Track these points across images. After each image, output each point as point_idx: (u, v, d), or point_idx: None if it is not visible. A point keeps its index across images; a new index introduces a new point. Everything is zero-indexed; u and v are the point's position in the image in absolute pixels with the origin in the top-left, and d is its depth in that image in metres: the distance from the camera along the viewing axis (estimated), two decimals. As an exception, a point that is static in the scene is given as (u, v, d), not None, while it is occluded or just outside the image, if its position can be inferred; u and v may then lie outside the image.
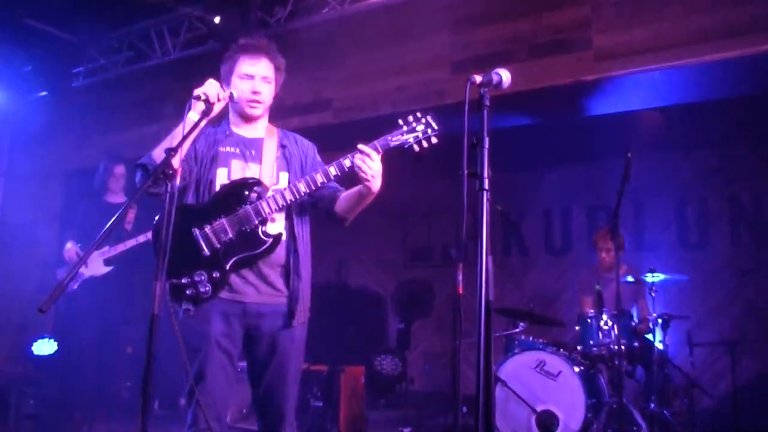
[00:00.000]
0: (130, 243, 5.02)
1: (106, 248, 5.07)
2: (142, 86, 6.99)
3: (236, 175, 2.72)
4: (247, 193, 2.65)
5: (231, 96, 2.63)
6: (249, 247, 2.62)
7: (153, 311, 2.16)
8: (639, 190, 6.68)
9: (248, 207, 2.63)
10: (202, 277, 2.58)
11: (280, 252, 2.71)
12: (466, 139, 2.26)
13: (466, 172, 2.25)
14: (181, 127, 2.48)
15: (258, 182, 2.68)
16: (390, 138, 2.65)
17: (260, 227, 2.63)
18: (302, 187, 2.63)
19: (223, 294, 2.64)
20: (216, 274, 2.59)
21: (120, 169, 5.47)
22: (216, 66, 2.89)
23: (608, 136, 6.12)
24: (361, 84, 5.75)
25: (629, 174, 4.28)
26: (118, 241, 5.05)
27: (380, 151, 2.62)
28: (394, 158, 2.69)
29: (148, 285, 2.20)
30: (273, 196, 2.64)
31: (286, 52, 2.94)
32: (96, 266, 5.09)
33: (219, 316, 2.62)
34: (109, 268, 5.11)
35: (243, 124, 2.82)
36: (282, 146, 2.84)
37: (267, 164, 2.75)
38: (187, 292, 2.57)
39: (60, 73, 6.88)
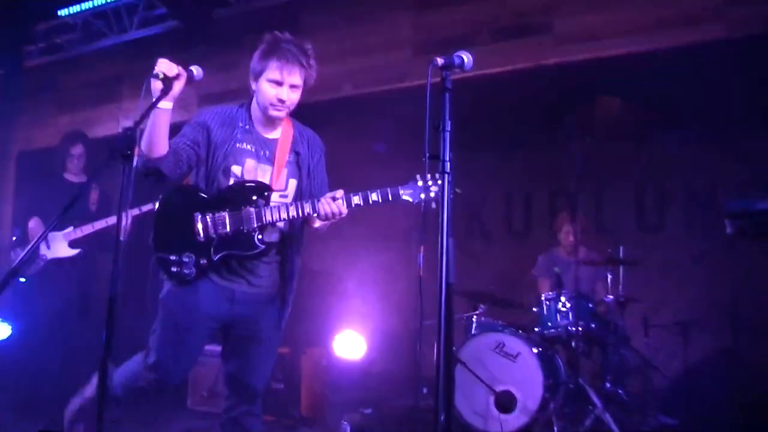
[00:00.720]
0: (99, 225, 4.83)
1: (70, 229, 4.86)
2: (98, 65, 6.83)
3: (249, 174, 2.73)
4: (255, 197, 2.68)
5: (191, 73, 2.58)
6: (241, 247, 2.66)
7: (110, 295, 2.13)
8: (599, 175, 6.78)
9: (252, 210, 2.65)
10: (190, 259, 2.63)
11: (273, 253, 2.77)
12: (428, 122, 2.26)
13: (427, 154, 2.26)
14: (158, 115, 2.51)
15: (268, 188, 2.70)
16: (401, 191, 2.65)
17: (257, 232, 2.66)
18: (307, 208, 2.65)
19: (214, 278, 2.69)
20: (203, 261, 2.64)
21: (77, 149, 5.24)
22: (176, 46, 2.84)
23: (569, 120, 6.18)
24: (323, 65, 5.69)
25: (589, 159, 4.34)
26: (84, 222, 4.88)
27: (390, 200, 2.64)
28: (355, 140, 2.70)
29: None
30: (278, 207, 2.66)
31: (248, 33, 2.90)
32: (60, 248, 4.90)
33: (209, 296, 2.68)
34: (76, 251, 4.94)
35: (263, 122, 2.81)
36: (295, 152, 2.84)
37: (278, 168, 2.77)
38: (172, 269, 2.63)
39: (12, 50, 6.67)
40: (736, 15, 4.29)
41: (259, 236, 2.67)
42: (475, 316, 5.09)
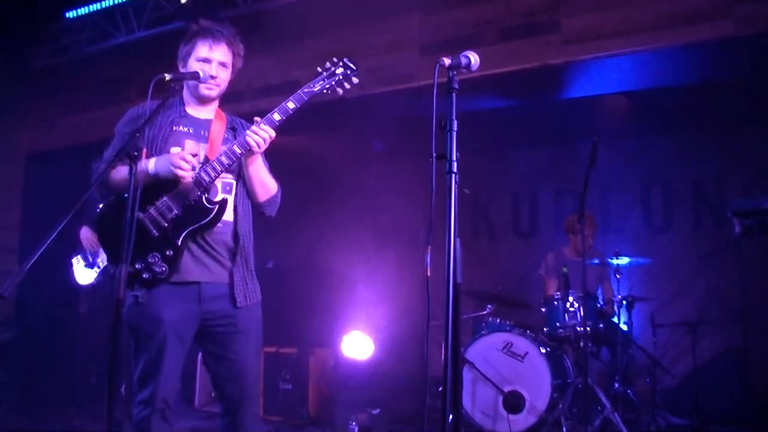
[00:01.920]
0: None
1: None
2: (106, 66, 6.85)
3: None
4: None
5: (197, 74, 2.64)
6: (197, 218, 2.60)
7: (117, 296, 2.14)
8: (605, 174, 6.77)
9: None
10: (156, 258, 2.56)
11: (227, 231, 2.70)
12: (434, 121, 2.26)
13: (434, 154, 2.25)
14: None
15: (195, 155, 2.64)
16: (311, 86, 2.70)
17: (203, 196, 2.62)
18: (237, 149, 2.61)
19: (175, 278, 2.60)
20: (169, 252, 2.57)
21: None
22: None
23: (576, 119, 6.18)
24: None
25: (596, 158, 4.32)
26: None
27: (306, 99, 2.66)
28: (362, 141, 2.68)
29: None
30: (211, 163, 2.61)
31: (254, 33, 2.92)
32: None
33: (173, 303, 2.59)
34: None
35: (196, 106, 2.82)
36: (232, 128, 2.85)
37: (215, 143, 2.74)
38: (144, 276, 2.55)
39: (20, 52, 6.69)
40: (744, 12, 4.27)
41: (207, 197, 2.62)
42: (483, 316, 5.08)
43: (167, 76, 2.51)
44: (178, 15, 5.81)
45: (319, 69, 2.72)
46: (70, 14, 6.51)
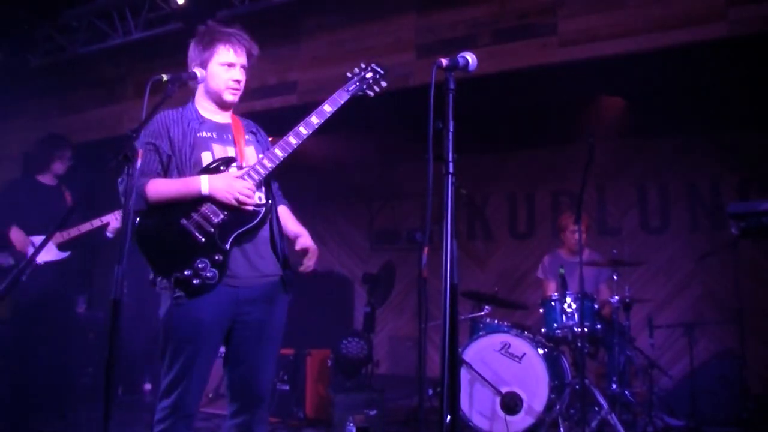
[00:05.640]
0: (85, 227, 4.80)
1: (56, 233, 4.86)
2: (102, 67, 6.85)
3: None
4: (223, 168, 2.63)
5: (194, 74, 2.64)
6: (244, 221, 2.59)
7: (114, 296, 2.13)
8: (601, 175, 6.78)
9: None
10: (205, 264, 2.51)
11: (266, 228, 2.70)
12: (431, 122, 2.25)
13: (431, 155, 2.25)
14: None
15: (233, 159, 2.67)
16: (345, 89, 2.77)
17: None
18: (279, 152, 2.61)
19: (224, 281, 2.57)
20: (218, 257, 2.53)
21: (68, 152, 5.15)
22: (179, 47, 2.84)
23: (572, 121, 6.19)
24: (326, 66, 5.71)
25: (593, 159, 4.33)
26: (65, 225, 4.85)
27: (342, 102, 2.73)
28: (359, 141, 2.69)
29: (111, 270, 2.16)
30: (254, 167, 2.62)
31: (251, 34, 2.90)
32: (49, 252, 4.87)
33: (211, 306, 2.55)
34: (65, 254, 4.93)
35: (215, 111, 2.79)
36: (251, 132, 2.86)
37: (241, 145, 2.74)
38: (194, 282, 2.50)
39: (16, 52, 6.67)
40: (737, 14, 4.28)
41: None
42: (480, 317, 5.08)
43: (164, 77, 2.49)
44: (175, 15, 5.80)
45: (348, 74, 2.79)
46: (66, 14, 6.49)
